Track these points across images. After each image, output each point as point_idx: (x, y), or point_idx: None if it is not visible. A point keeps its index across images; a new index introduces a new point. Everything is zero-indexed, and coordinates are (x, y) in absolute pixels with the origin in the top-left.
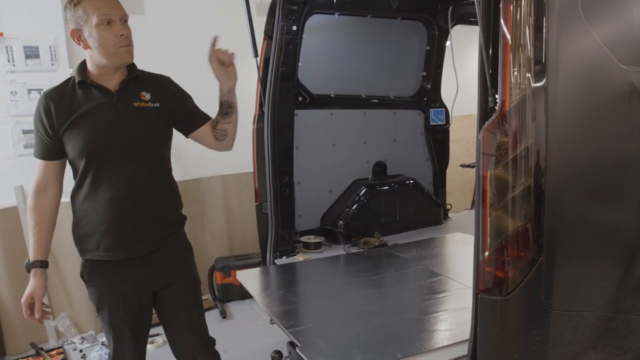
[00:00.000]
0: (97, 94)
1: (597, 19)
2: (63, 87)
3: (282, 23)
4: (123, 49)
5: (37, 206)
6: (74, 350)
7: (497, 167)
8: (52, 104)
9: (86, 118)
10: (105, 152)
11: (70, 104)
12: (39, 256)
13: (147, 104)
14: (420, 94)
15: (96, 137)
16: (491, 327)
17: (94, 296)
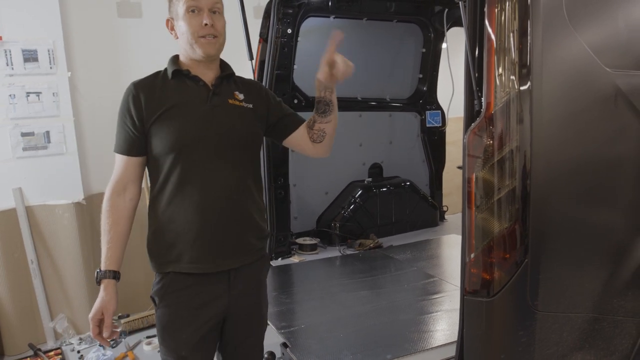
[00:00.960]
0: (192, 85)
1: (582, 23)
2: (153, 78)
3: (277, 26)
4: (203, 40)
5: (113, 208)
6: (72, 352)
7: (482, 169)
8: (142, 94)
9: (179, 110)
10: (197, 147)
11: (162, 94)
12: (111, 266)
13: (241, 103)
14: (416, 96)
15: (190, 129)
16: (477, 328)
17: (165, 319)
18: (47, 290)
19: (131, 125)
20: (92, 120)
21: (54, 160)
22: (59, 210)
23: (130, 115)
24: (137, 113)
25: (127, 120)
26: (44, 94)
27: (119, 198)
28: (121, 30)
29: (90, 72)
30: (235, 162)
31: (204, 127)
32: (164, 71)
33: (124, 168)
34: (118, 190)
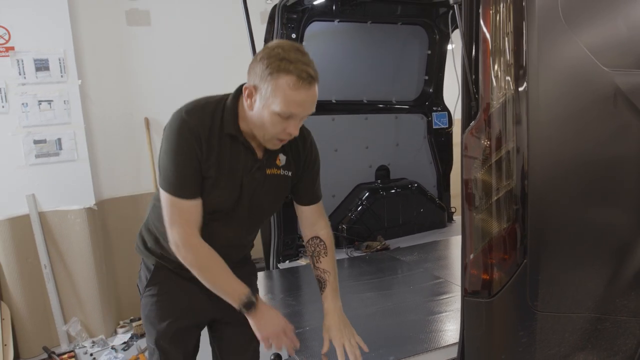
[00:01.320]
0: (242, 151)
1: (578, 22)
2: (210, 122)
3: (281, 31)
4: (276, 142)
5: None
6: (85, 354)
7: (480, 170)
8: (202, 140)
9: (224, 175)
10: (224, 215)
11: (215, 152)
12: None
13: (279, 170)
14: (422, 98)
15: (224, 197)
16: (478, 329)
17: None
18: (61, 294)
19: (197, 166)
20: (103, 127)
21: (66, 167)
22: (71, 216)
23: (194, 157)
24: (199, 156)
25: (191, 162)
26: (55, 102)
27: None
28: (130, 38)
29: (100, 79)
30: (252, 228)
31: (235, 200)
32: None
33: (192, 212)
34: (194, 234)
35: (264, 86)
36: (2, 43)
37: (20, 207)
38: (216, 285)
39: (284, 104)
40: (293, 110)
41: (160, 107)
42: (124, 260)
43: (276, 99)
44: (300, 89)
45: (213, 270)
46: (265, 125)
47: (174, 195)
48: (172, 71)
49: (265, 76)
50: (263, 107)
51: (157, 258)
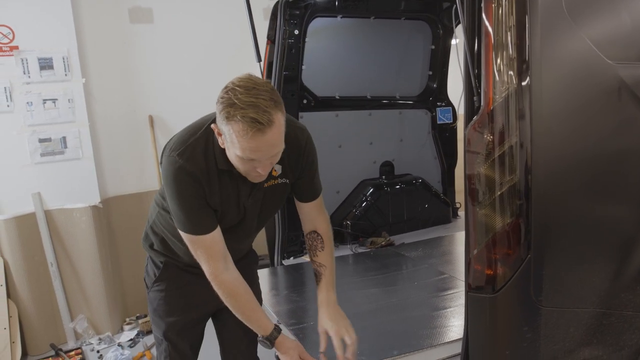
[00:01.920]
0: (238, 181)
1: (582, 15)
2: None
3: (284, 27)
4: (256, 177)
5: (235, 282)
6: (92, 351)
7: (483, 165)
8: (203, 183)
9: (227, 204)
10: (234, 228)
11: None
12: (271, 324)
13: (276, 180)
14: (426, 93)
15: (230, 222)
16: (482, 325)
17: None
18: (67, 292)
19: (205, 204)
20: (107, 125)
21: (71, 165)
22: (76, 214)
23: (200, 196)
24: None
25: (199, 201)
26: (59, 100)
27: (229, 273)
28: (133, 36)
29: (104, 78)
30: (252, 233)
31: (239, 220)
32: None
33: (214, 243)
34: (222, 268)
35: (224, 129)
36: (7, 42)
37: (26, 206)
38: (244, 317)
39: (241, 151)
40: (251, 156)
41: (164, 104)
42: (129, 258)
43: (234, 144)
44: (252, 138)
45: (242, 305)
46: (236, 164)
47: (192, 234)
48: (175, 68)
49: (222, 120)
50: (229, 149)
51: (166, 257)
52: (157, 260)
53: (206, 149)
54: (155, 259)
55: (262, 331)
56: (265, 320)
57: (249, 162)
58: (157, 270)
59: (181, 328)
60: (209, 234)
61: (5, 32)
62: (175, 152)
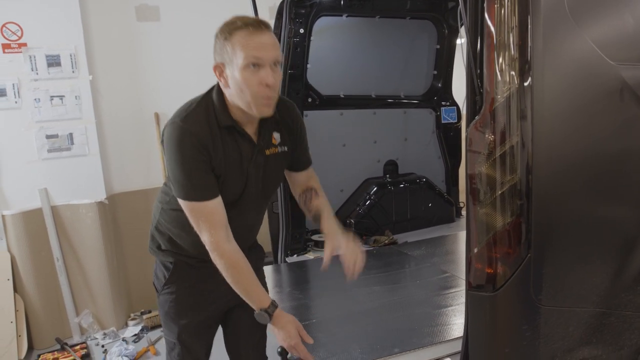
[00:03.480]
0: (240, 141)
1: (585, 16)
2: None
3: (289, 26)
4: (263, 102)
5: (237, 254)
6: (97, 346)
7: (484, 164)
8: (206, 144)
9: (230, 167)
10: (237, 203)
11: (219, 149)
12: (269, 298)
13: (276, 148)
14: (431, 93)
15: (233, 189)
16: (482, 323)
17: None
18: (73, 287)
19: (209, 168)
20: (113, 121)
21: (78, 161)
22: (82, 210)
23: (203, 160)
24: (208, 158)
25: (202, 165)
26: (67, 97)
27: (231, 244)
28: (140, 33)
29: (110, 75)
30: (259, 209)
31: (244, 187)
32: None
33: (217, 212)
34: (224, 237)
35: (226, 53)
36: (15, 39)
37: (33, 201)
38: (243, 290)
39: (246, 53)
40: (256, 54)
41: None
42: (134, 254)
43: (237, 54)
44: (254, 35)
45: (242, 277)
46: (243, 88)
47: (193, 200)
48: (181, 66)
49: (223, 45)
50: (233, 72)
51: (174, 256)
52: (166, 261)
53: (207, 112)
54: (164, 260)
55: (261, 304)
56: (264, 293)
57: (255, 73)
58: (166, 272)
59: (194, 329)
60: (211, 200)
61: (13, 29)
62: (178, 118)
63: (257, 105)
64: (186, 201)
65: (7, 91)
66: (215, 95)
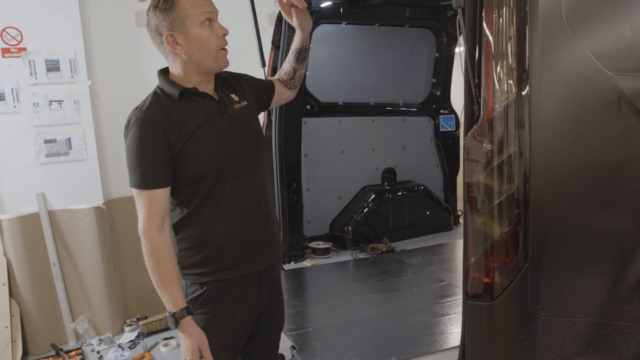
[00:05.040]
0: (202, 102)
1: (582, 27)
2: (160, 103)
3: (288, 33)
4: (223, 53)
5: (163, 245)
6: (92, 352)
7: (482, 173)
8: (162, 122)
9: (203, 130)
10: (231, 163)
11: (180, 118)
12: (182, 303)
13: (240, 104)
14: (429, 101)
15: (220, 148)
16: (479, 332)
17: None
18: (69, 292)
19: (160, 155)
20: (112, 127)
21: (75, 166)
22: (80, 215)
23: (156, 145)
24: (163, 141)
25: (153, 151)
26: (65, 102)
27: (161, 235)
28: (140, 39)
29: (109, 80)
30: (258, 165)
31: (232, 142)
32: (165, 92)
33: (160, 201)
34: (157, 226)
35: (175, 20)
36: (15, 44)
37: (30, 206)
38: (160, 283)
39: (199, 12)
40: (207, 10)
41: None
42: (131, 259)
43: (190, 16)
44: None
45: (160, 268)
46: (204, 44)
47: (140, 187)
48: None
49: (168, 15)
50: (189, 35)
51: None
52: (202, 281)
53: (156, 95)
54: (199, 281)
55: (172, 306)
56: (180, 296)
57: (210, 28)
58: (201, 292)
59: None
60: (158, 189)
61: (13, 33)
62: (136, 110)
63: (218, 57)
64: (135, 189)
65: (5, 95)
66: (161, 78)
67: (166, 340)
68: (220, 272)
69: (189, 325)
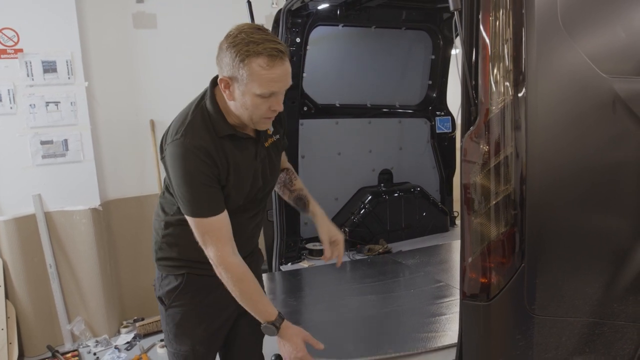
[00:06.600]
0: (242, 143)
1: (578, 29)
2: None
3: (286, 35)
4: (265, 121)
5: (243, 267)
6: (89, 354)
7: (478, 174)
8: (212, 153)
9: (237, 170)
10: (246, 201)
11: (223, 156)
12: (276, 310)
13: (272, 138)
14: (425, 103)
15: (247, 189)
16: (476, 332)
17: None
18: (65, 294)
19: (215, 182)
20: (109, 128)
21: (72, 168)
22: (76, 216)
23: (209, 174)
24: (214, 170)
25: (208, 179)
26: (62, 103)
27: (236, 257)
28: (137, 41)
29: (106, 82)
30: (265, 203)
31: (258, 182)
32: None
33: (223, 226)
34: (230, 251)
35: (239, 74)
36: (11, 45)
37: (27, 207)
38: (250, 303)
39: (263, 85)
40: (272, 89)
41: (165, 109)
42: (128, 261)
43: (254, 83)
44: (274, 67)
45: (249, 290)
46: (250, 109)
47: (200, 217)
48: (178, 74)
49: (237, 64)
50: (243, 94)
51: (187, 267)
52: (177, 274)
53: (204, 123)
54: (175, 273)
55: (268, 316)
56: (271, 306)
57: (266, 100)
58: (177, 285)
59: (210, 338)
60: (218, 215)
61: (10, 34)
62: (178, 135)
63: (258, 123)
64: (192, 218)
65: (2, 97)
66: (210, 105)
67: (162, 341)
68: (196, 269)
69: (288, 327)
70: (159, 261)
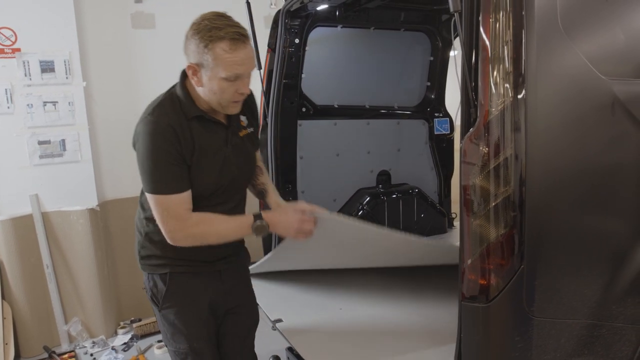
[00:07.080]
0: (212, 128)
1: (577, 31)
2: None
3: (284, 36)
4: (233, 104)
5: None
6: (85, 354)
7: (478, 176)
8: (177, 132)
9: (205, 154)
10: (219, 191)
11: (190, 136)
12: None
13: (246, 130)
14: (424, 104)
15: (217, 177)
16: (475, 334)
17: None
18: (62, 294)
19: (180, 161)
20: (107, 128)
21: (69, 168)
22: (73, 216)
23: (175, 151)
24: (180, 149)
25: (172, 157)
26: (60, 103)
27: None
28: (135, 41)
29: (104, 82)
30: (241, 197)
31: (229, 171)
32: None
33: (184, 204)
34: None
35: (204, 59)
36: (9, 44)
37: (24, 207)
38: (226, 232)
39: (227, 69)
40: (237, 71)
41: None
42: (125, 261)
43: (219, 67)
44: (237, 50)
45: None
46: (218, 93)
47: (160, 193)
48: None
49: (202, 50)
50: (210, 79)
51: (170, 265)
52: (162, 273)
53: (173, 105)
54: (160, 272)
55: (247, 224)
56: (243, 217)
57: (233, 84)
58: (163, 285)
59: (206, 334)
60: (182, 193)
61: (7, 34)
62: (147, 114)
63: (226, 107)
64: (153, 195)
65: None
66: (180, 90)
67: (160, 342)
68: (178, 266)
69: (273, 216)
70: (142, 260)
